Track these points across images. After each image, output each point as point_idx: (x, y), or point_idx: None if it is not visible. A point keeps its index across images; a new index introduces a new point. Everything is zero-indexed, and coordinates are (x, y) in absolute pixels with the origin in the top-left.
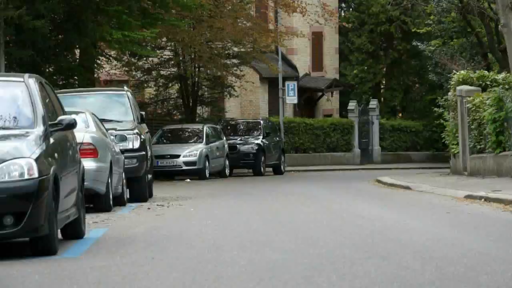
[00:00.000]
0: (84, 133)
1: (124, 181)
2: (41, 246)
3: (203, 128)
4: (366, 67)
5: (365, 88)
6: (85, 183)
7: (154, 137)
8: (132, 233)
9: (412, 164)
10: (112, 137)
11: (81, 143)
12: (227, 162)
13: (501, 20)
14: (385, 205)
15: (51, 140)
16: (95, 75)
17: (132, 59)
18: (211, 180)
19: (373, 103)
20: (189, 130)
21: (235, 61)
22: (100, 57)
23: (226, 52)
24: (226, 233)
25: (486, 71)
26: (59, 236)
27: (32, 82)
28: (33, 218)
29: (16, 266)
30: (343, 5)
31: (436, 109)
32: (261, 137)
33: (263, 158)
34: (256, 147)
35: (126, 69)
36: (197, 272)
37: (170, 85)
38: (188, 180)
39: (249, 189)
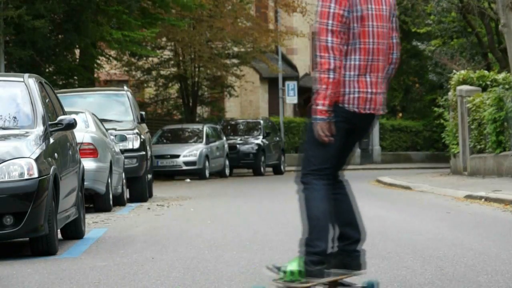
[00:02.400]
0: (84, 133)
1: (124, 181)
2: (41, 246)
3: (203, 128)
4: None
5: None
6: (85, 183)
7: (154, 137)
8: (132, 233)
9: (412, 164)
10: (112, 137)
11: (81, 143)
12: (227, 162)
13: (501, 20)
14: (385, 205)
15: (51, 140)
16: (95, 75)
17: (132, 59)
18: (211, 180)
19: None
20: (189, 130)
21: (235, 61)
22: (100, 57)
23: (226, 52)
24: (226, 233)
25: (486, 71)
26: (59, 236)
27: (32, 82)
28: (33, 218)
29: (16, 266)
30: None
31: (436, 109)
32: (261, 137)
33: (263, 158)
34: (256, 147)
35: (126, 69)
36: (197, 272)
37: (170, 85)
38: (188, 180)
39: (249, 189)
